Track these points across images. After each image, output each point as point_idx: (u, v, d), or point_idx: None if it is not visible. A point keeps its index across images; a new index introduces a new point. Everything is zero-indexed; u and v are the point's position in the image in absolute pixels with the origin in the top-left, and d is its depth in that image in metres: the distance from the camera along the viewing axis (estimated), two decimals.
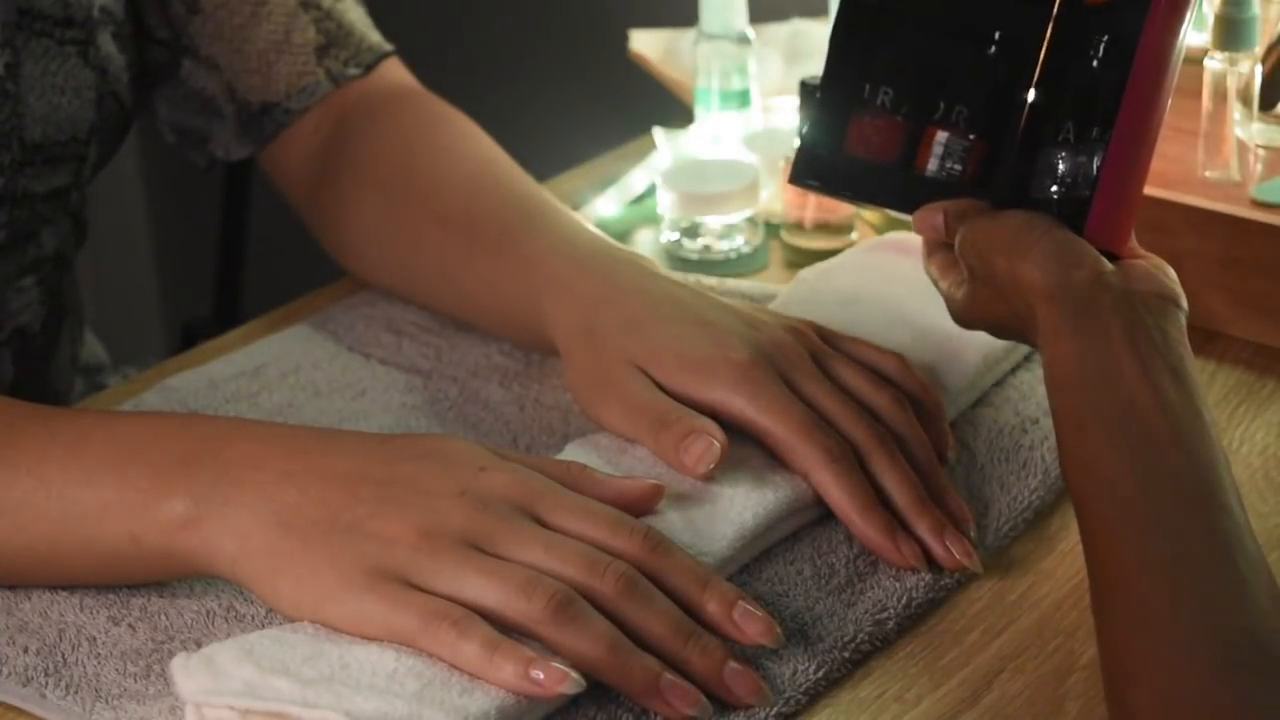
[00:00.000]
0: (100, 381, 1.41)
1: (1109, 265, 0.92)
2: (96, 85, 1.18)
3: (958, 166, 1.00)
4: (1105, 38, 0.95)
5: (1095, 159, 0.94)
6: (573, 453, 1.01)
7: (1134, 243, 0.96)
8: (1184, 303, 0.92)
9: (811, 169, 1.04)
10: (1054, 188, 0.96)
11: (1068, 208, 0.95)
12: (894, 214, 1.02)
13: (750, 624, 0.90)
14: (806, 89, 1.27)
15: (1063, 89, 0.97)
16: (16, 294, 1.23)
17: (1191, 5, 0.95)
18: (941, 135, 1.00)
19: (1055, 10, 0.98)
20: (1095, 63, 0.95)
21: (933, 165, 1.00)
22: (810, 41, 1.50)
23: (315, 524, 0.91)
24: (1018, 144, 0.98)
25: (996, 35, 0.99)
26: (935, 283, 1.00)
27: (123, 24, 1.21)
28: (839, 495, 0.98)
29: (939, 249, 1.00)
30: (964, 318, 0.99)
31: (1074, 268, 0.91)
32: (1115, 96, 0.94)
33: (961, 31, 1.01)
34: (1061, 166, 0.96)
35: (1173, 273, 0.93)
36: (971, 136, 0.99)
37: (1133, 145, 0.95)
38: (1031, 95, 0.98)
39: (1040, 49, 0.98)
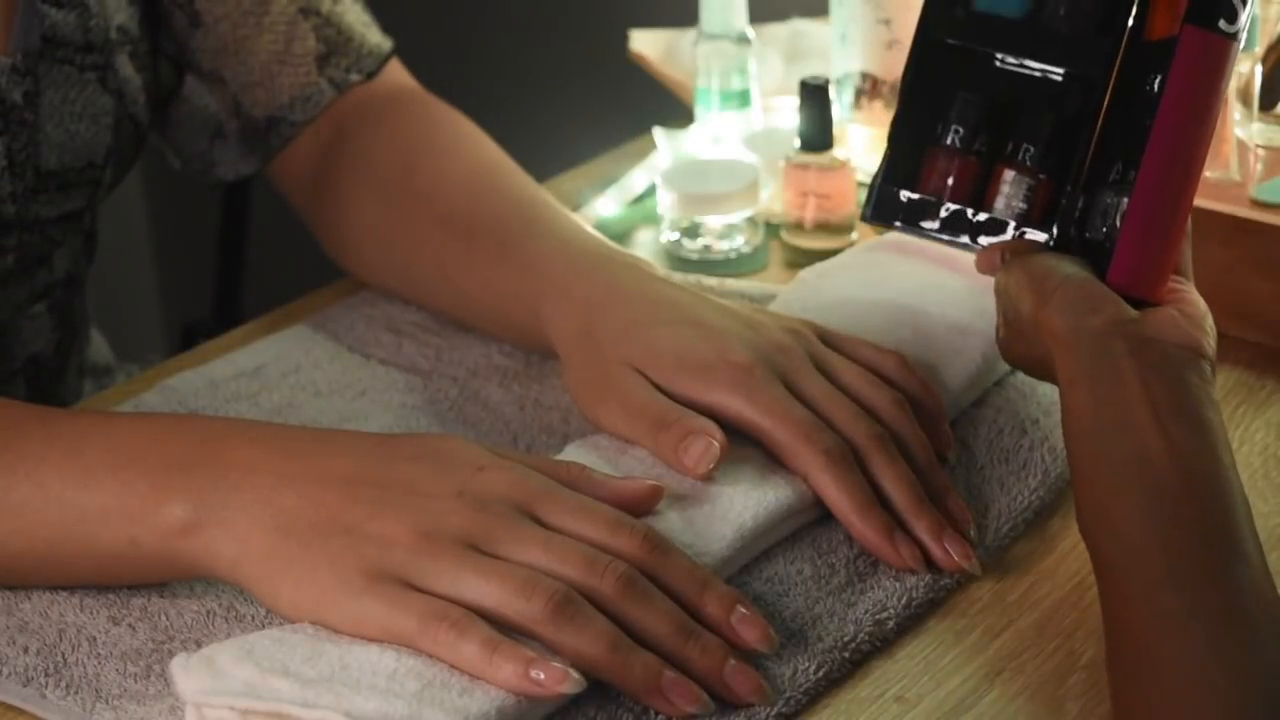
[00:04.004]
0: (107, 383, 1.40)
1: (1131, 313, 0.92)
2: (114, 110, 1.18)
3: (1024, 205, 1.01)
4: (1158, 77, 0.95)
5: (1127, 202, 0.95)
6: (573, 453, 1.01)
7: (1183, 284, 0.96)
8: (1209, 351, 0.92)
9: (886, 208, 1.06)
10: (1103, 229, 0.97)
11: (1101, 251, 0.96)
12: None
13: (747, 629, 0.90)
14: (807, 89, 1.27)
15: (1118, 128, 0.98)
16: (28, 322, 1.23)
17: (1231, 51, 0.95)
18: (1009, 173, 1.02)
19: (1122, 48, 0.98)
20: (1148, 102, 0.96)
21: (1000, 203, 1.02)
22: (810, 41, 1.50)
23: (314, 526, 0.90)
24: (1081, 183, 0.99)
25: (1064, 73, 1.00)
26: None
27: (139, 41, 1.21)
28: (838, 496, 0.98)
29: None
30: (1005, 357, 1.01)
31: (1090, 315, 0.92)
32: (1146, 139, 0.95)
33: (1031, 70, 1.02)
34: (1107, 208, 0.97)
35: (1205, 319, 0.93)
36: (1042, 176, 1.01)
37: (1160, 190, 0.95)
38: (1095, 133, 0.99)
39: (1107, 87, 0.98)
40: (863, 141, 1.36)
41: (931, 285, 1.11)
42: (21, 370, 1.24)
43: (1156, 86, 0.95)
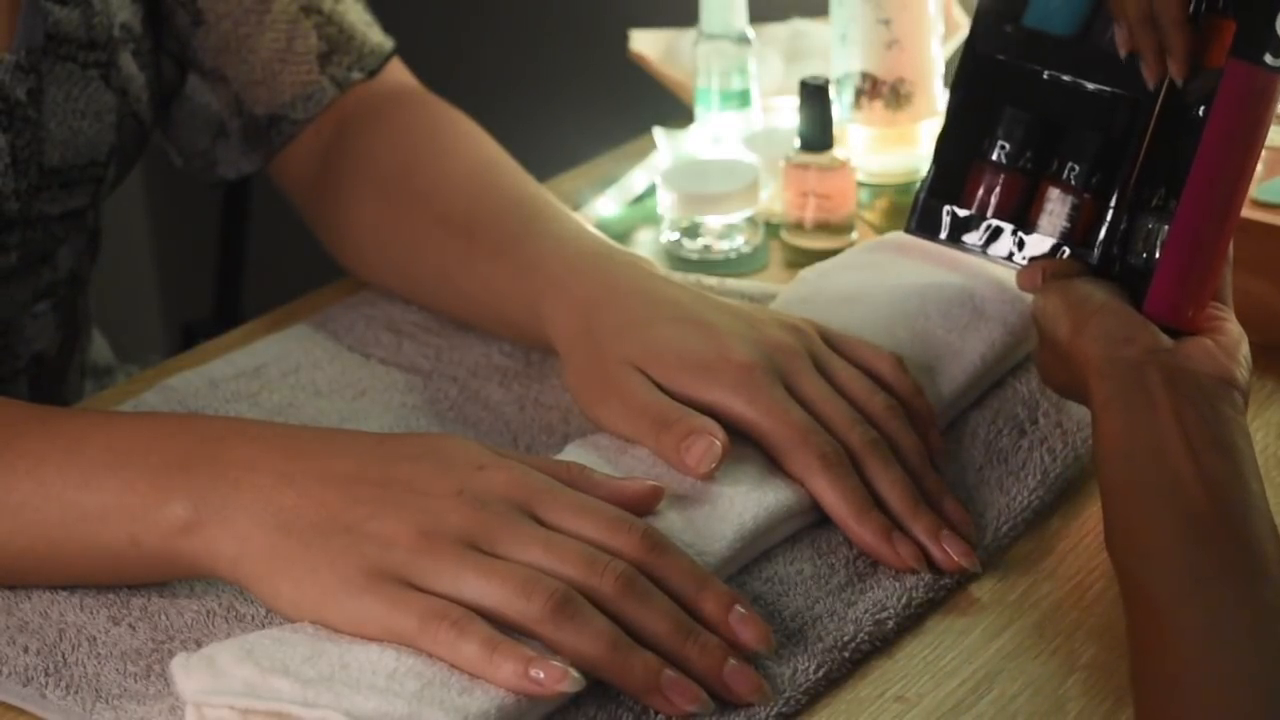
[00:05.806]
0: (108, 382, 1.40)
1: (1165, 342, 0.93)
2: (117, 107, 1.18)
3: (1068, 224, 1.02)
4: (1204, 106, 0.95)
5: (1166, 230, 0.95)
6: (573, 453, 1.01)
7: (1221, 311, 0.96)
8: (1241, 382, 0.93)
9: (929, 221, 1.07)
10: (1144, 255, 0.97)
11: (1140, 277, 0.97)
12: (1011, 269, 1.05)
13: (745, 629, 0.90)
14: (807, 89, 1.27)
15: (1164, 152, 0.98)
16: (31, 320, 1.23)
17: (1277, 85, 0.94)
18: (1054, 191, 1.03)
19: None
20: (1194, 129, 0.96)
21: (1045, 221, 1.03)
22: (810, 41, 1.50)
23: (314, 526, 0.90)
24: (1125, 206, 0.99)
25: (1112, 93, 1.00)
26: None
27: (142, 39, 1.21)
28: (834, 500, 0.98)
29: None
30: (1042, 378, 1.02)
31: (1125, 344, 0.93)
32: (1188, 168, 0.95)
33: (1079, 89, 1.02)
34: (1148, 234, 0.97)
35: (1239, 349, 0.94)
36: (1086, 195, 1.01)
37: (1199, 224, 0.95)
38: (1140, 156, 0.99)
39: (1154, 109, 0.98)
40: (863, 141, 1.36)
41: (931, 286, 1.11)
42: (25, 370, 1.24)
43: (1202, 114, 0.95)
